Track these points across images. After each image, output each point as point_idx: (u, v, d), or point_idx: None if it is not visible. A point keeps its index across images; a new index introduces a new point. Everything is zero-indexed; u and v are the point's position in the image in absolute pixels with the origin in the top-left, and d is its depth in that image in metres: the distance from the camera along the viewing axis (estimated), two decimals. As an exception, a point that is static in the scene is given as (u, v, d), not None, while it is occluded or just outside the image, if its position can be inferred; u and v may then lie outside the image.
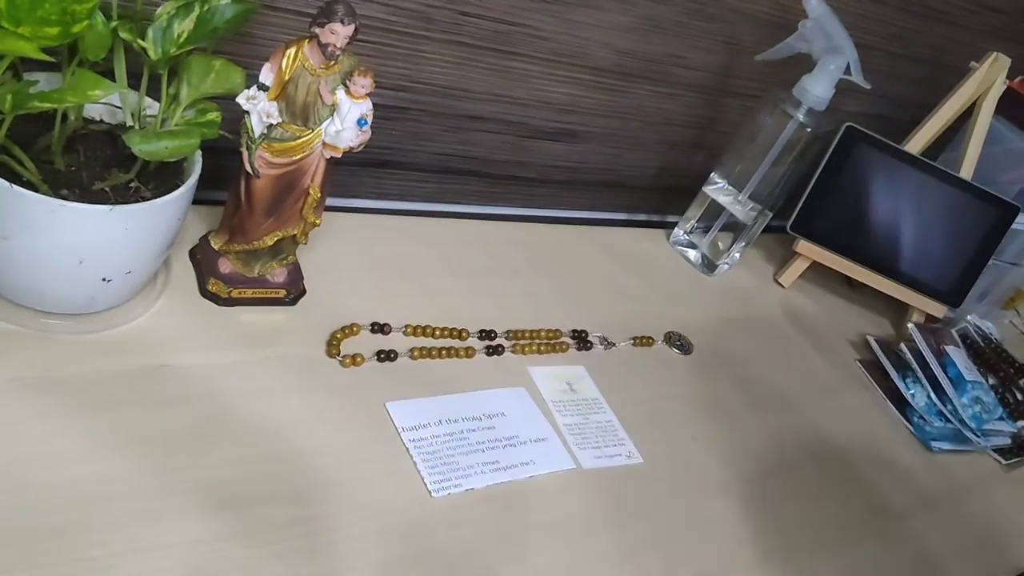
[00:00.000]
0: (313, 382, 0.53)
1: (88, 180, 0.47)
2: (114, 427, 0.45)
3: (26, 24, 0.41)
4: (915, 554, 0.64)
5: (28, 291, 0.47)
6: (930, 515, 0.68)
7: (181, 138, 0.47)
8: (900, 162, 0.85)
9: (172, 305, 0.53)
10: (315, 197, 0.53)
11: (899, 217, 0.86)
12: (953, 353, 0.82)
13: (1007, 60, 0.84)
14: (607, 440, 0.59)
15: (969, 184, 0.86)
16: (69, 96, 0.44)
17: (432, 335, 0.60)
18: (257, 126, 0.49)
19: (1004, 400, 0.83)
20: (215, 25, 0.48)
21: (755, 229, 0.84)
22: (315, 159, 0.52)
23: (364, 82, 0.50)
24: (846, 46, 0.74)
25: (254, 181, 0.51)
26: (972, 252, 0.87)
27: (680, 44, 0.81)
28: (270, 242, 0.54)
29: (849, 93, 0.78)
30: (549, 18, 0.71)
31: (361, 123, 0.51)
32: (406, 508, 0.48)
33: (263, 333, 0.55)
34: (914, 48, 0.98)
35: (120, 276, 0.47)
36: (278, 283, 0.57)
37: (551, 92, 0.77)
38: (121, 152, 0.47)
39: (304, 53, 0.48)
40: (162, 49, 0.47)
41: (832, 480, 0.67)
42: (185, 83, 0.49)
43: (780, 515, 0.61)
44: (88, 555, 0.39)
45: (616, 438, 0.60)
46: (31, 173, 0.44)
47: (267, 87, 0.49)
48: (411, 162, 0.75)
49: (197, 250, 0.57)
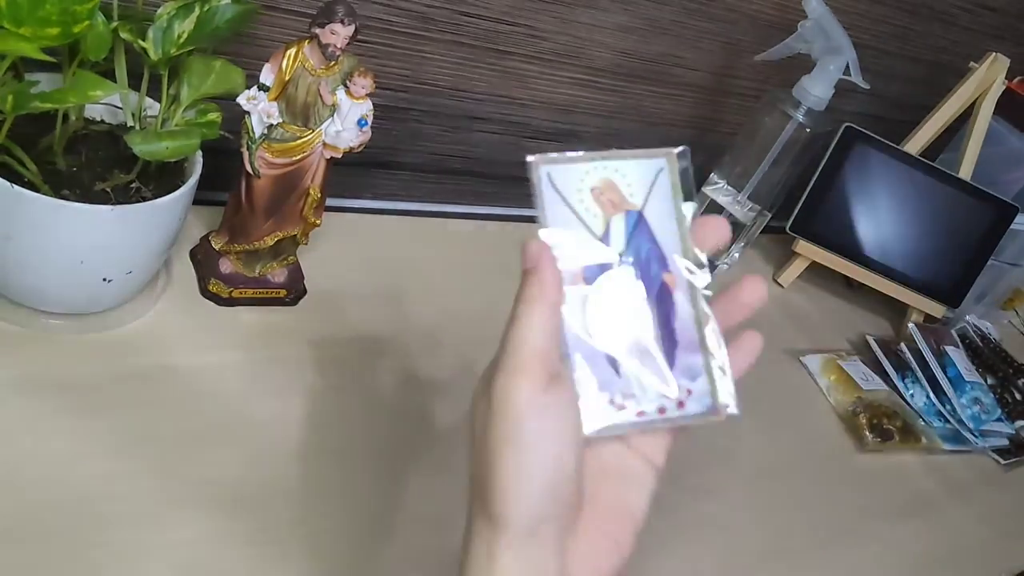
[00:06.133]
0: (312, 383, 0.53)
1: (89, 180, 0.47)
2: (114, 427, 0.45)
3: (27, 24, 0.41)
4: (913, 555, 0.64)
5: (29, 291, 0.47)
6: (928, 516, 0.68)
7: (181, 138, 0.47)
8: (899, 162, 0.85)
9: (173, 305, 0.53)
10: (315, 197, 0.53)
11: (898, 217, 0.87)
12: (953, 353, 0.82)
13: (1006, 60, 0.84)
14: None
15: (968, 184, 0.86)
16: (70, 96, 0.44)
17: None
18: (258, 126, 0.49)
19: (1003, 400, 0.83)
20: (215, 25, 0.48)
21: (754, 229, 0.84)
22: (315, 159, 0.52)
23: (364, 82, 0.50)
24: (845, 46, 0.74)
25: (255, 181, 0.51)
26: (971, 252, 0.87)
27: (679, 44, 0.81)
28: (271, 242, 0.54)
29: (848, 94, 0.78)
30: (549, 18, 0.71)
31: (361, 123, 0.51)
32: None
33: (264, 333, 0.55)
34: (913, 48, 0.98)
35: (121, 276, 0.48)
36: (279, 283, 0.57)
37: (551, 92, 0.77)
38: (122, 152, 0.47)
39: (304, 53, 0.48)
40: (162, 49, 0.47)
41: (830, 481, 0.67)
42: (185, 83, 0.49)
43: (776, 517, 0.61)
44: (88, 555, 0.39)
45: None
46: (32, 173, 0.44)
47: (267, 87, 0.49)
48: (411, 162, 0.75)
49: (198, 250, 0.57)
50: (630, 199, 0.35)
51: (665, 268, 0.35)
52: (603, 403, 0.33)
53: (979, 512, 0.71)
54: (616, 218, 0.35)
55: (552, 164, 0.34)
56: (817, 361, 0.78)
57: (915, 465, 0.73)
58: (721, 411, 0.35)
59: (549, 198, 0.34)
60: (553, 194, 0.34)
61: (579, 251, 0.34)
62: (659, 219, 0.35)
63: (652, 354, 0.34)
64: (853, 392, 0.76)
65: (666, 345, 0.34)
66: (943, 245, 0.87)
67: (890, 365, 0.81)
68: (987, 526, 0.70)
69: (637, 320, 0.34)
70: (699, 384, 0.35)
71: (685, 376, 0.34)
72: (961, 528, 0.68)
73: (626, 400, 0.33)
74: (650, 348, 0.34)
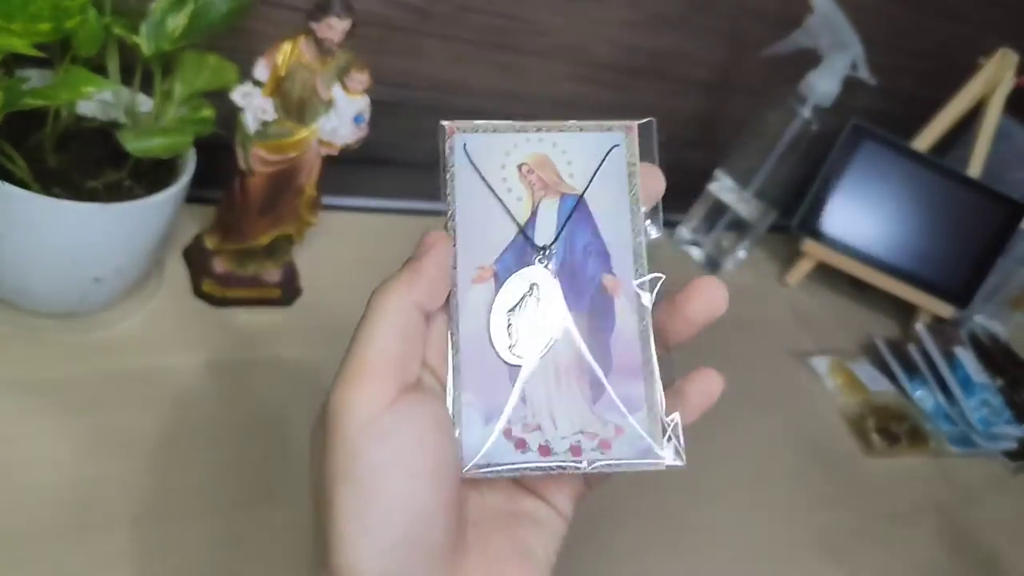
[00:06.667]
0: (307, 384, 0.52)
1: (80, 178, 0.46)
2: (104, 429, 0.44)
3: (18, 20, 0.40)
4: (921, 558, 0.63)
5: (18, 290, 0.46)
6: (936, 519, 0.67)
7: (174, 135, 0.46)
8: (907, 160, 0.84)
9: (165, 305, 0.53)
10: (311, 195, 0.52)
11: (906, 216, 0.85)
12: (962, 355, 0.81)
13: (1015, 56, 0.82)
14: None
15: (977, 182, 0.85)
16: (62, 93, 0.43)
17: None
18: (252, 123, 0.49)
19: (1012, 403, 0.82)
20: (209, 20, 0.47)
21: (760, 227, 0.83)
22: (311, 156, 0.51)
23: (361, 78, 0.49)
24: (852, 41, 0.73)
25: (249, 179, 0.50)
26: (980, 251, 0.86)
27: (684, 40, 0.80)
28: (265, 241, 0.53)
29: (856, 89, 0.77)
30: (551, 13, 0.70)
31: (358, 119, 0.50)
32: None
33: (258, 334, 0.54)
34: (921, 44, 0.97)
35: (112, 275, 0.47)
36: (273, 283, 0.56)
37: (553, 88, 0.76)
38: (114, 150, 0.47)
39: (300, 48, 0.47)
40: (156, 45, 0.46)
41: (836, 485, 0.66)
42: (179, 79, 0.48)
43: (781, 521, 0.60)
44: (76, 558, 0.39)
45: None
46: (22, 171, 0.43)
47: (262, 83, 0.48)
48: (409, 160, 0.74)
49: (191, 249, 0.56)
50: (568, 180, 0.28)
51: (607, 268, 0.28)
52: (495, 433, 0.26)
53: (988, 515, 0.70)
54: (547, 202, 0.28)
55: (471, 133, 0.28)
56: (825, 363, 0.77)
57: (923, 468, 0.72)
58: (660, 458, 0.26)
59: (463, 174, 0.28)
60: (468, 169, 0.28)
61: (493, 240, 0.27)
62: (606, 208, 0.28)
63: (573, 376, 0.26)
64: (861, 394, 0.75)
65: (596, 367, 0.27)
66: (952, 244, 0.86)
67: (898, 367, 0.80)
68: (996, 529, 0.69)
69: (559, 331, 0.27)
70: (636, 420, 0.26)
71: (616, 409, 0.26)
72: (969, 531, 0.67)
73: (528, 433, 0.26)
74: (572, 368, 0.27)
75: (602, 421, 0.26)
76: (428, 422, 0.24)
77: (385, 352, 0.24)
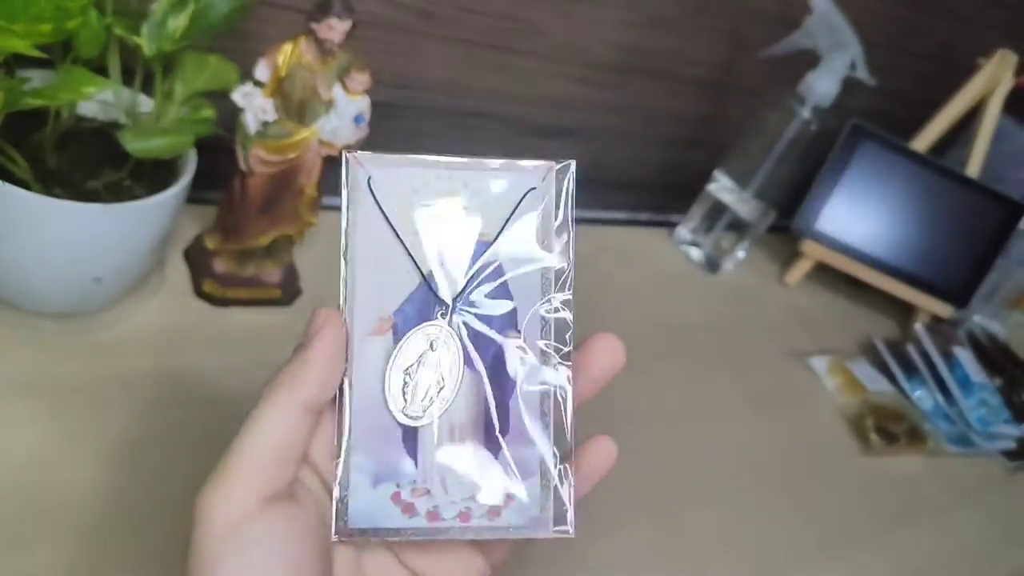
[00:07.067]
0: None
1: (80, 178, 0.46)
2: (105, 431, 0.44)
3: (20, 21, 0.40)
4: (919, 558, 0.63)
5: (18, 291, 0.46)
6: (934, 518, 0.67)
7: (175, 136, 0.46)
8: (906, 160, 0.84)
9: (165, 305, 0.53)
10: (311, 195, 0.52)
11: (905, 216, 0.85)
12: (961, 354, 0.81)
13: (1015, 56, 0.82)
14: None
15: (976, 183, 0.85)
16: (62, 93, 0.43)
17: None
18: (252, 123, 0.49)
19: (1010, 402, 0.82)
20: (210, 21, 0.47)
21: (759, 228, 0.83)
22: (311, 157, 0.51)
23: (361, 78, 0.49)
24: (851, 42, 0.73)
25: (249, 179, 0.50)
26: (979, 251, 0.86)
27: (683, 40, 0.80)
28: (265, 241, 0.53)
29: (855, 90, 0.77)
30: (550, 14, 0.71)
31: (358, 120, 0.50)
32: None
33: (258, 334, 0.54)
34: (921, 44, 0.97)
35: (112, 276, 0.47)
36: (273, 283, 0.56)
37: (552, 89, 0.76)
38: (114, 150, 0.47)
39: (301, 49, 0.47)
40: (157, 45, 0.46)
41: (834, 484, 0.66)
42: (179, 80, 0.48)
43: (780, 521, 0.60)
44: (74, 561, 0.39)
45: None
46: (23, 171, 0.43)
47: (263, 83, 0.48)
48: (411, 160, 0.75)
49: (191, 250, 0.56)
50: (479, 224, 0.26)
51: (512, 326, 0.26)
52: (382, 497, 0.25)
53: (986, 515, 0.70)
54: (454, 248, 0.26)
55: (377, 167, 0.26)
56: (824, 363, 0.77)
57: (921, 467, 0.72)
58: (548, 528, 0.26)
59: (364, 211, 0.26)
60: (370, 207, 0.26)
61: (394, 288, 0.26)
62: (517, 257, 0.26)
63: (469, 440, 0.26)
64: (860, 394, 0.75)
65: (492, 429, 0.26)
66: (951, 244, 0.86)
67: (897, 366, 0.80)
68: (994, 528, 0.69)
69: (458, 391, 0.26)
70: (527, 488, 0.26)
71: (509, 474, 0.26)
72: (967, 530, 0.68)
73: (417, 498, 0.25)
74: (468, 431, 0.26)
75: (494, 487, 0.25)
76: (293, 533, 0.23)
77: (253, 458, 0.23)
